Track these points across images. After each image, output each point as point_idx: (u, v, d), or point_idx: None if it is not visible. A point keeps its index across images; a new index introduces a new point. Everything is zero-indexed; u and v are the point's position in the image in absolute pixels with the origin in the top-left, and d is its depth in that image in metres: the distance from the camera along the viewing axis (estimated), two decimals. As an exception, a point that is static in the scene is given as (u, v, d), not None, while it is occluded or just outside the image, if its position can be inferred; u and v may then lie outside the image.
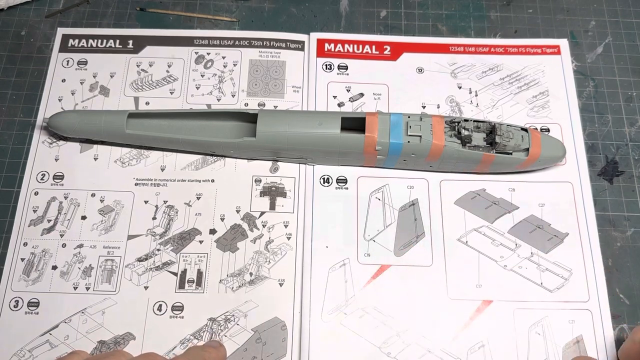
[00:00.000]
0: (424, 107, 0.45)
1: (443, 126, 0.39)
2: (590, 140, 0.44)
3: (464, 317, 0.38)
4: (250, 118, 0.42)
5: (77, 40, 0.47)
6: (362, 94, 0.45)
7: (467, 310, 0.39)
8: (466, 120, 0.39)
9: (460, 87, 0.46)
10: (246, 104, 0.45)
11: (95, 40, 0.47)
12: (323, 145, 0.40)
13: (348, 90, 0.45)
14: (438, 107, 0.45)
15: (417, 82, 0.46)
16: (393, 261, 0.40)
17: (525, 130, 0.40)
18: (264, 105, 0.45)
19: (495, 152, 0.39)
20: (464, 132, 0.39)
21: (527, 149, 0.39)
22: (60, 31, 0.48)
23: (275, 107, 0.45)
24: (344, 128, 0.40)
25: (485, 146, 0.39)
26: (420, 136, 0.39)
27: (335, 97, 0.45)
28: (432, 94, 0.45)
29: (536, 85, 0.46)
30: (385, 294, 0.39)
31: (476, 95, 0.45)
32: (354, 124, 0.40)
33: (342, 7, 0.49)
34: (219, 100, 0.45)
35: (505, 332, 0.38)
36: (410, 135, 0.39)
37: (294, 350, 0.38)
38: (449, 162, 0.40)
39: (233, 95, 0.45)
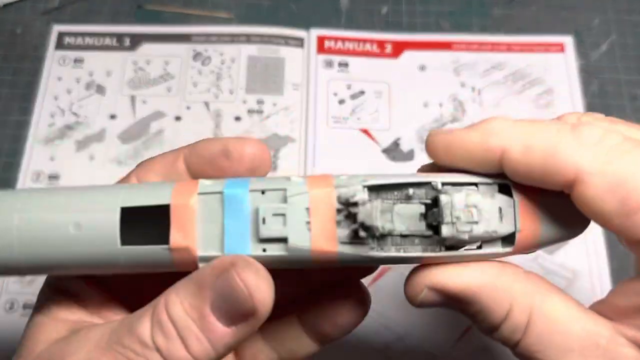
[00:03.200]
0: (425, 105, 0.44)
1: (334, 208, 0.19)
2: (595, 140, 0.44)
3: (467, 320, 0.38)
4: None
5: (73, 38, 0.47)
6: (362, 92, 0.45)
7: (470, 313, 0.38)
8: (372, 189, 0.19)
9: (463, 85, 0.45)
10: (245, 101, 0.44)
11: (92, 38, 0.46)
12: (84, 266, 0.20)
13: (349, 88, 0.45)
14: (440, 106, 0.44)
15: (419, 80, 0.45)
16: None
17: (508, 190, 0.20)
18: (262, 102, 0.44)
19: (446, 250, 0.20)
20: (364, 234, 0.19)
21: (513, 235, 0.20)
22: (56, 28, 0.47)
23: (275, 104, 0.44)
24: (129, 232, 0.19)
25: (425, 236, 0.20)
26: (286, 239, 0.19)
27: (335, 94, 0.44)
28: (435, 92, 0.45)
29: (540, 83, 0.45)
30: (387, 297, 0.38)
31: (479, 94, 0.45)
32: (150, 217, 0.19)
33: (342, 3, 0.49)
34: (217, 97, 0.44)
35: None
36: (264, 241, 0.19)
37: (294, 354, 0.37)
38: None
39: (231, 93, 0.44)
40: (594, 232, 0.40)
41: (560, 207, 0.20)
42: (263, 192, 0.19)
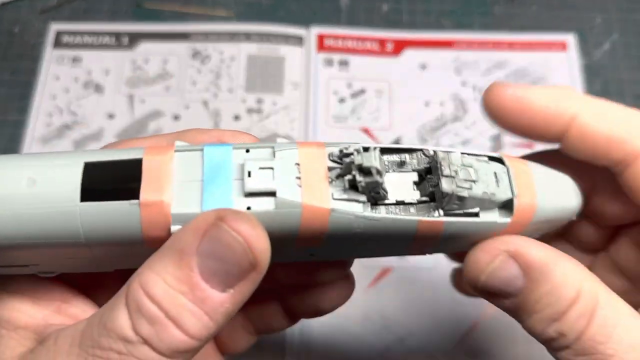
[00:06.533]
0: (426, 104, 0.44)
1: (326, 165, 0.18)
2: (597, 139, 0.43)
3: (467, 321, 0.38)
4: None
5: (71, 37, 0.46)
6: (363, 91, 0.44)
7: (471, 315, 0.38)
8: (367, 149, 0.18)
9: (464, 84, 0.45)
10: (244, 100, 0.44)
11: (90, 37, 0.46)
12: (36, 236, 0.17)
13: (349, 87, 0.44)
14: (441, 105, 0.44)
15: (420, 79, 0.45)
16: (395, 264, 0.39)
17: (500, 160, 0.19)
18: (262, 101, 0.44)
19: (445, 215, 0.18)
20: (361, 180, 0.17)
21: (511, 201, 0.19)
22: (54, 27, 0.47)
23: (274, 103, 0.44)
24: (91, 187, 0.17)
25: (422, 202, 0.19)
26: (275, 192, 0.17)
27: (335, 93, 0.44)
28: (436, 91, 0.44)
29: (542, 82, 0.45)
30: (388, 297, 0.38)
31: (480, 93, 0.44)
32: (119, 172, 0.18)
33: (342, 1, 0.48)
34: (216, 96, 0.44)
35: (511, 337, 0.37)
36: (250, 195, 0.17)
37: (294, 356, 0.37)
38: (347, 245, 0.19)
39: (230, 92, 0.44)
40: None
41: (551, 180, 0.20)
42: (247, 151, 0.18)
